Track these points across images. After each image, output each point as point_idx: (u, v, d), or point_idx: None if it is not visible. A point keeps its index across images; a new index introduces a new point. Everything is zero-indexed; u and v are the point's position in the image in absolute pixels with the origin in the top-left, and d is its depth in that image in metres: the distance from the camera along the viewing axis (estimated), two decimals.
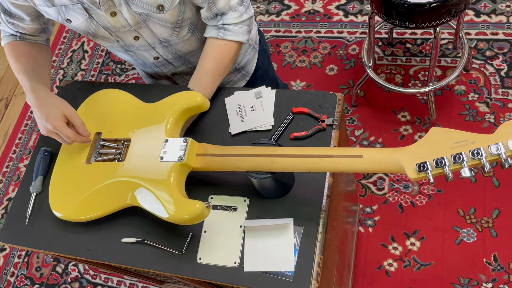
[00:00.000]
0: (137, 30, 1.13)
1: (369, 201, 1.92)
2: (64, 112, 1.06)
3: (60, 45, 2.84)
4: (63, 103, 1.08)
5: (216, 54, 1.14)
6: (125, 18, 1.08)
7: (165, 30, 1.14)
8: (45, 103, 1.07)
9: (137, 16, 1.08)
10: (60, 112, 1.05)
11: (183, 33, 1.18)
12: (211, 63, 1.14)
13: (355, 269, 1.80)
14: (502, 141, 0.74)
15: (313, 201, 1.00)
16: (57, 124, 1.04)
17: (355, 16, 2.34)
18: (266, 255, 0.97)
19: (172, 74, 1.37)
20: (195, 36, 1.23)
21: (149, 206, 0.98)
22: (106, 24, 1.10)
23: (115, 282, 2.08)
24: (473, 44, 2.10)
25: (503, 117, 1.93)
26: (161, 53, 1.24)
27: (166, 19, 1.10)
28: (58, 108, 1.06)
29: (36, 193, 1.17)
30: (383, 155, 0.84)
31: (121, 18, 1.08)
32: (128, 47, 1.21)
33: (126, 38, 1.16)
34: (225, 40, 1.14)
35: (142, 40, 1.17)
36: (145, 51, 1.23)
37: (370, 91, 2.14)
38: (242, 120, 1.12)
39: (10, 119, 2.71)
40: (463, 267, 1.72)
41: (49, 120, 1.04)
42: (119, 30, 1.12)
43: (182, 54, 1.27)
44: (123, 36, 1.15)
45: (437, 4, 1.43)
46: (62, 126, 1.05)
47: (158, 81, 1.45)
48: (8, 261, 2.26)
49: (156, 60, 1.27)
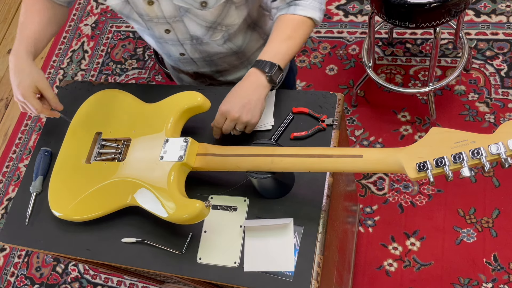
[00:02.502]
0: (171, 24, 1.09)
1: (369, 201, 1.92)
2: (37, 83, 1.05)
3: (60, 45, 2.84)
4: (39, 75, 1.07)
5: (286, 26, 1.07)
6: (161, 9, 1.04)
7: (199, 28, 1.10)
8: (22, 71, 1.06)
9: (175, 9, 1.04)
10: (32, 83, 1.05)
11: (216, 37, 1.15)
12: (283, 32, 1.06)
13: (355, 269, 1.80)
14: (502, 141, 0.74)
15: (313, 201, 1.00)
16: (26, 93, 1.04)
17: (355, 16, 2.34)
18: (266, 255, 0.97)
19: (194, 73, 1.35)
20: (227, 45, 1.20)
21: (148, 205, 0.98)
22: (141, 11, 1.07)
23: (115, 282, 2.08)
24: (473, 44, 2.11)
25: (503, 117, 1.93)
26: (188, 50, 1.20)
27: (204, 17, 1.06)
28: (32, 78, 1.05)
29: (36, 193, 1.17)
30: (383, 155, 0.84)
31: (158, 8, 1.04)
32: (157, 38, 1.18)
33: (157, 29, 1.13)
34: (295, 15, 1.06)
35: (173, 35, 1.14)
36: (173, 45, 1.19)
37: (370, 91, 2.14)
38: None
39: (10, 119, 2.71)
40: (463, 267, 1.72)
41: (20, 88, 1.04)
42: (152, 20, 1.09)
43: (209, 55, 1.23)
44: (154, 26, 1.12)
45: (437, 4, 1.43)
46: (30, 96, 1.04)
47: (180, 75, 1.42)
48: (8, 261, 2.27)
49: (182, 56, 1.24)
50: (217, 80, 1.35)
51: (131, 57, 2.62)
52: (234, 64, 1.29)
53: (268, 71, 1.02)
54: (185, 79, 1.41)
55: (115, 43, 2.70)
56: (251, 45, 1.25)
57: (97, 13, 2.87)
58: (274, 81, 1.04)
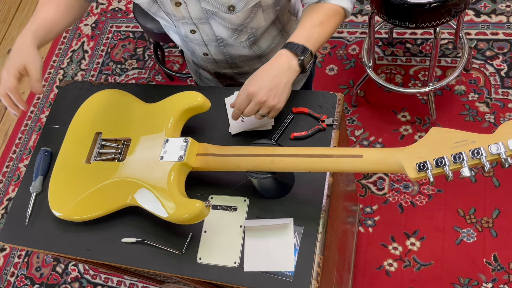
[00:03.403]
0: (197, 25, 1.09)
1: (369, 201, 1.92)
2: (27, 64, 1.02)
3: (60, 45, 2.84)
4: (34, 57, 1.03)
5: (318, 13, 1.02)
6: (188, 11, 1.04)
7: (225, 30, 1.09)
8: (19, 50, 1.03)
9: (202, 12, 1.03)
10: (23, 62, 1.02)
11: (242, 39, 1.14)
12: (316, 18, 1.01)
13: (355, 269, 1.80)
14: (502, 141, 0.74)
15: (313, 201, 1.00)
16: (8, 67, 1.02)
17: (355, 16, 2.34)
18: (266, 255, 0.97)
19: (215, 72, 1.34)
20: (251, 49, 1.19)
21: (148, 205, 0.98)
22: (168, 10, 1.06)
23: (115, 282, 2.08)
24: (473, 44, 2.11)
25: (503, 117, 1.93)
26: (212, 51, 1.19)
27: (231, 20, 1.05)
28: (24, 58, 1.02)
29: (36, 193, 1.17)
30: (383, 155, 0.84)
31: (184, 10, 1.04)
32: (182, 36, 1.18)
33: (183, 29, 1.12)
34: (329, 3, 1.02)
35: (198, 35, 1.13)
36: (197, 45, 1.18)
37: (370, 91, 2.14)
38: (242, 120, 1.12)
39: (10, 119, 2.71)
40: (463, 267, 1.72)
41: (6, 64, 1.02)
42: (178, 20, 1.09)
43: (232, 57, 1.22)
44: (180, 25, 1.12)
45: (437, 4, 1.43)
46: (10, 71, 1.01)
47: (199, 70, 1.41)
48: (8, 261, 2.26)
49: (205, 56, 1.23)
50: (238, 81, 1.35)
51: (131, 57, 2.62)
52: (256, 67, 1.28)
53: (300, 55, 0.97)
54: (204, 75, 1.40)
55: (115, 43, 2.70)
56: (275, 49, 1.24)
57: (97, 13, 2.87)
58: (304, 67, 0.98)
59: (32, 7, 3.09)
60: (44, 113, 2.64)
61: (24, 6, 3.11)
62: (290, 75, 0.98)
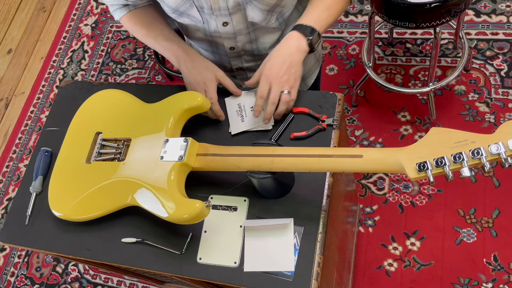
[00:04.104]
0: (231, 15, 1.09)
1: (369, 201, 1.92)
2: (216, 74, 1.11)
3: (60, 45, 2.84)
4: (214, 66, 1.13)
5: None
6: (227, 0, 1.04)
7: (259, 13, 1.09)
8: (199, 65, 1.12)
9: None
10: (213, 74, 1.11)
11: (272, 21, 1.14)
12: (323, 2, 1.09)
13: (355, 269, 1.80)
14: (502, 141, 0.74)
15: (313, 201, 1.00)
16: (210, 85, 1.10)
17: (355, 16, 2.34)
18: (266, 255, 0.97)
19: (237, 69, 1.32)
20: (277, 33, 1.20)
21: (148, 205, 0.98)
22: (203, 4, 1.06)
23: (115, 282, 2.08)
24: (473, 44, 2.11)
25: (503, 117, 1.93)
26: (240, 42, 1.19)
27: (268, 1, 1.06)
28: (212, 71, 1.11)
29: (36, 193, 1.17)
30: (383, 155, 0.84)
31: (223, 0, 1.04)
32: (209, 32, 1.17)
33: (214, 23, 1.12)
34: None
35: (230, 27, 1.13)
36: (227, 39, 1.18)
37: (370, 91, 2.14)
38: (242, 120, 1.12)
39: (10, 119, 2.71)
40: (463, 267, 1.72)
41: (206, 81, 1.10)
42: (213, 12, 1.08)
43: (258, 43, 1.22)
44: (212, 20, 1.11)
45: (437, 4, 1.43)
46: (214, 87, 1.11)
47: None
48: (8, 261, 2.27)
49: (231, 50, 1.22)
50: None
51: (131, 57, 2.62)
52: None
53: (309, 35, 1.05)
54: None
55: (115, 43, 2.70)
56: None
57: (97, 13, 2.87)
58: (313, 46, 1.06)
59: (32, 7, 3.08)
60: (44, 113, 2.64)
61: (24, 6, 3.11)
62: (300, 55, 1.06)
